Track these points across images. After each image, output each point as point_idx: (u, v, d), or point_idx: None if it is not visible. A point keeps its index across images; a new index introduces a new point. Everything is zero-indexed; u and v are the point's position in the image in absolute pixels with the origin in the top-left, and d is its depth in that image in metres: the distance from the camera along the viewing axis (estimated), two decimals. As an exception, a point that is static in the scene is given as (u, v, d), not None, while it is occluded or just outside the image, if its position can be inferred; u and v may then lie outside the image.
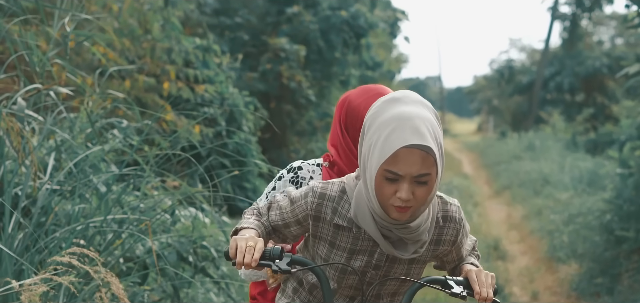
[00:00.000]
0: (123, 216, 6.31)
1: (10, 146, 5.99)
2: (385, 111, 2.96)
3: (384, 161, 2.90)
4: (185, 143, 6.86)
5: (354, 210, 3.09)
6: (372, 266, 3.15)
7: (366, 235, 3.11)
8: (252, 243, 2.97)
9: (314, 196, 3.14)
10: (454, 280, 3.10)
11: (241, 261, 2.95)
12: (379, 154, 2.91)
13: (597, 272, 11.60)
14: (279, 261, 3.03)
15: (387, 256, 3.13)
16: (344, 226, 3.12)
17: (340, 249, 3.15)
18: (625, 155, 12.08)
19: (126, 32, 10.90)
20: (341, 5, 21.56)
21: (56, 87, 6.89)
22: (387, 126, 2.91)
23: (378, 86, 3.65)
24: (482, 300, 3.05)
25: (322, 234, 3.16)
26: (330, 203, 3.13)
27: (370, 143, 2.96)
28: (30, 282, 4.33)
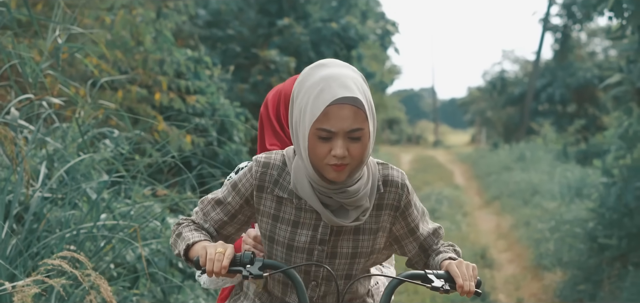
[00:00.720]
0: (113, 222, 6.46)
1: (3, 154, 6.14)
2: (311, 76, 2.99)
3: (315, 120, 2.92)
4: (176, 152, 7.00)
5: (293, 181, 3.08)
6: (318, 241, 3.12)
7: (308, 206, 3.10)
8: (222, 249, 2.94)
9: (258, 165, 3.14)
10: (435, 273, 3.02)
11: (211, 269, 2.91)
12: (310, 114, 2.93)
13: (580, 278, 11.80)
14: (250, 266, 2.98)
15: (331, 229, 3.11)
16: (285, 198, 3.12)
17: (284, 222, 3.14)
18: (609, 165, 12.29)
19: (118, 44, 11.05)
20: (332, 17, 21.73)
21: (48, 98, 7.05)
22: (316, 87, 2.94)
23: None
24: (464, 293, 2.99)
25: (265, 208, 3.15)
26: (274, 172, 3.13)
27: (300, 107, 2.98)
28: (23, 283, 4.48)
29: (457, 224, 17.77)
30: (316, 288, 3.20)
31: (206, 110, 12.77)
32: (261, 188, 3.15)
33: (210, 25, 19.69)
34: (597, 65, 37.87)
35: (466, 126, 65.86)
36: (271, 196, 3.15)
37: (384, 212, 3.16)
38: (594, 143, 26.54)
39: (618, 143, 12.08)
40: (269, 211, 3.16)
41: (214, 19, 19.73)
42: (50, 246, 5.86)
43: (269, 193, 3.14)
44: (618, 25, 12.03)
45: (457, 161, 38.04)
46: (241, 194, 3.17)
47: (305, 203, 3.11)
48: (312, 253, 3.14)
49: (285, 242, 3.15)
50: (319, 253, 3.14)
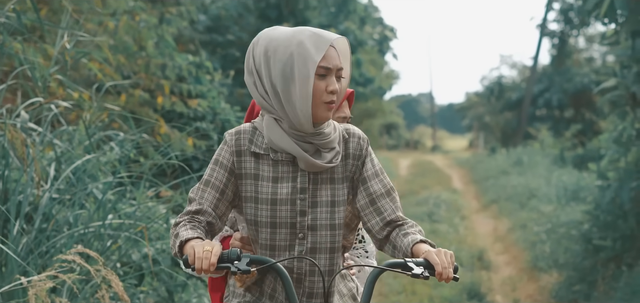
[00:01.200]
0: (119, 221, 6.62)
1: (14, 156, 6.30)
2: (282, 34, 3.36)
3: (320, 58, 3.29)
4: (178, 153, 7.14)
5: (267, 136, 3.35)
6: (299, 190, 3.35)
7: (284, 159, 3.37)
8: (209, 247, 3.05)
9: (231, 135, 3.40)
10: (414, 262, 3.15)
11: (200, 267, 3.03)
12: (313, 55, 3.29)
13: (575, 279, 11.95)
14: (237, 262, 3.08)
15: (309, 178, 3.37)
16: (262, 154, 3.37)
17: (264, 179, 3.36)
18: (604, 168, 12.45)
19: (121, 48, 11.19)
20: (331, 22, 21.89)
21: (56, 101, 7.21)
22: (300, 36, 3.32)
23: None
24: (443, 279, 3.14)
25: (245, 170, 3.37)
26: (246, 135, 3.39)
27: (285, 60, 3.29)
28: (37, 278, 4.65)
29: (455, 227, 17.91)
30: (303, 240, 3.38)
31: (207, 114, 12.92)
32: (239, 152, 3.38)
33: (211, 30, 19.82)
34: (594, 70, 37.92)
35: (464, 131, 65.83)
36: (249, 156, 3.38)
37: (350, 160, 3.43)
38: (591, 148, 26.63)
39: (613, 147, 12.22)
40: (249, 172, 3.37)
41: (214, 24, 19.87)
42: (59, 245, 6.01)
43: (247, 154, 3.38)
44: (612, 31, 12.18)
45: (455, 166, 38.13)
46: (224, 166, 3.38)
47: (281, 156, 3.36)
48: (295, 204, 3.35)
49: (269, 198, 3.35)
50: (301, 201, 3.36)
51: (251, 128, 3.43)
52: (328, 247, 3.40)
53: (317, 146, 3.36)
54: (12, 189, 6.11)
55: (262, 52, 3.33)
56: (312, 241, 3.39)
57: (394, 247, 3.37)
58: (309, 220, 3.38)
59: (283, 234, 3.37)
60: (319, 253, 3.39)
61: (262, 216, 3.36)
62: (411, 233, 3.34)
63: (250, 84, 3.40)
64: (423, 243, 3.27)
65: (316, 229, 3.39)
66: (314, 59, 3.28)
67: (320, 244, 3.40)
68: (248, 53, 3.41)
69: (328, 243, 3.40)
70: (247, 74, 3.40)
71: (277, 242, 3.38)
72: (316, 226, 3.38)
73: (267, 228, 3.37)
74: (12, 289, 5.06)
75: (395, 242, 3.37)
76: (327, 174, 3.40)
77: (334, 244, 3.41)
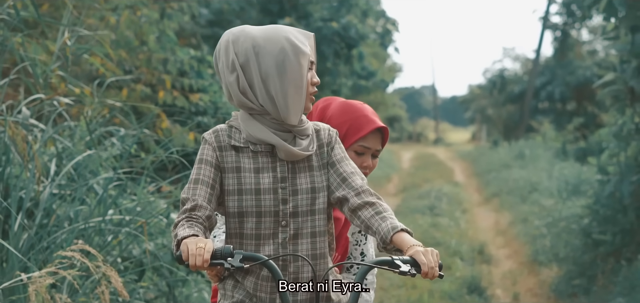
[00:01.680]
0: (120, 217, 6.66)
1: (15, 152, 6.34)
2: (262, 30, 3.54)
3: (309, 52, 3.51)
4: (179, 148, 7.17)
5: (245, 131, 3.50)
6: (279, 180, 3.50)
7: (263, 150, 3.52)
8: (202, 244, 3.15)
9: (209, 134, 3.54)
10: (401, 259, 3.27)
11: (194, 263, 3.12)
12: (304, 49, 3.47)
13: (575, 273, 11.97)
14: (231, 259, 3.19)
15: (288, 167, 3.52)
16: (241, 147, 3.51)
17: (246, 171, 3.50)
18: (604, 162, 12.47)
19: (123, 43, 11.22)
20: (332, 16, 21.87)
21: (57, 97, 7.25)
22: (283, 31, 3.51)
23: (357, 105, 4.11)
24: (428, 277, 3.27)
25: (227, 163, 3.51)
26: (224, 132, 3.54)
27: (276, 53, 3.45)
28: (38, 274, 4.70)
29: (456, 221, 17.92)
30: (286, 227, 3.51)
31: (209, 108, 12.95)
32: (220, 147, 3.51)
33: (212, 24, 19.85)
34: (596, 63, 37.87)
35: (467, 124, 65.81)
36: (229, 150, 3.52)
37: (324, 149, 3.60)
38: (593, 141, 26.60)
39: (613, 141, 12.24)
40: (231, 165, 3.50)
41: (216, 18, 19.90)
42: (60, 241, 6.06)
43: (227, 149, 3.52)
44: (612, 25, 12.19)
45: (457, 159, 38.14)
46: (209, 163, 3.49)
47: (261, 147, 3.51)
48: (277, 192, 3.49)
49: (252, 188, 3.48)
50: (283, 190, 3.50)
51: (227, 126, 3.57)
52: (309, 232, 3.53)
53: (295, 133, 3.52)
54: (13, 185, 6.15)
55: (249, 47, 3.46)
56: (294, 227, 3.51)
57: (367, 227, 3.47)
58: (291, 207, 3.50)
59: (267, 223, 3.49)
60: (301, 238, 3.52)
61: (247, 207, 3.48)
62: (389, 219, 3.44)
63: (230, 81, 3.50)
64: (403, 232, 3.38)
65: (297, 215, 3.52)
66: (305, 52, 3.47)
67: (302, 230, 3.52)
68: (226, 51, 3.51)
69: (309, 228, 3.53)
70: (227, 72, 3.50)
71: (262, 231, 3.49)
72: (297, 212, 3.51)
73: (252, 217, 3.48)
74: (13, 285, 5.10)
75: (370, 223, 3.46)
76: (305, 163, 3.55)
77: (315, 229, 3.55)
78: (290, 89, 3.44)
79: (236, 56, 3.47)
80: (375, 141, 4.06)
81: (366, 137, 4.04)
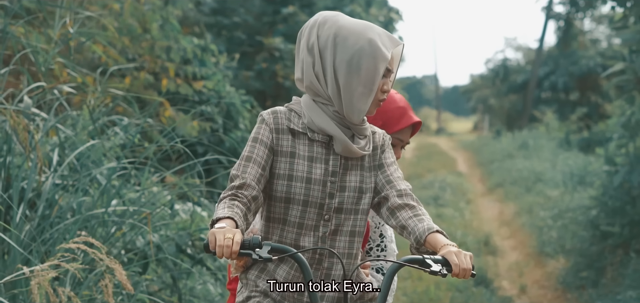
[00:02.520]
0: (123, 208, 6.56)
1: (17, 142, 6.24)
2: (352, 23, 3.50)
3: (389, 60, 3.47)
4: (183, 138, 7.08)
5: (307, 117, 3.50)
6: (330, 173, 3.50)
7: (320, 140, 3.51)
8: (230, 235, 3.11)
9: (268, 114, 3.53)
10: (433, 259, 3.28)
11: (221, 254, 3.09)
12: (384, 54, 3.43)
13: (583, 265, 11.86)
14: (259, 250, 3.16)
15: (340, 162, 3.52)
16: (299, 132, 3.51)
17: (300, 157, 3.50)
18: (611, 153, 12.36)
19: (125, 31, 11.12)
20: (336, 5, 21.75)
21: (60, 86, 7.14)
22: (371, 32, 3.46)
23: (395, 97, 4.12)
24: (459, 277, 3.28)
25: (282, 147, 3.50)
26: (283, 115, 3.54)
27: (354, 51, 3.42)
28: (40, 268, 4.59)
29: (461, 211, 17.84)
30: (328, 221, 3.52)
31: (212, 97, 12.85)
32: (277, 129, 3.51)
33: (216, 12, 19.74)
34: (600, 53, 37.81)
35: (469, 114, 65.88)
36: (286, 134, 3.52)
37: (377, 151, 3.61)
38: (597, 131, 26.55)
39: (620, 132, 12.14)
40: (286, 150, 3.50)
41: (219, 7, 19.80)
42: (62, 232, 5.96)
43: (285, 132, 3.52)
44: (621, 14, 12.09)
45: (460, 149, 38.08)
46: (264, 143, 3.49)
47: (318, 136, 3.52)
48: (326, 185, 3.50)
49: (304, 176, 3.48)
50: (332, 184, 3.51)
51: (287, 109, 3.57)
52: (349, 230, 3.55)
53: (354, 132, 3.52)
54: (14, 175, 6.05)
55: (332, 35, 3.46)
56: (335, 223, 3.52)
57: (403, 227, 3.48)
58: (336, 202, 3.51)
59: (312, 213, 3.49)
60: (340, 235, 3.54)
61: (295, 194, 3.48)
62: (426, 220, 3.46)
63: (307, 62, 3.50)
64: (438, 233, 3.39)
65: (341, 212, 3.52)
66: (385, 57, 3.45)
67: (342, 227, 3.53)
68: (310, 30, 3.51)
69: (350, 226, 3.54)
70: (306, 51, 3.52)
71: (305, 221, 3.50)
72: (342, 209, 3.52)
73: (299, 205, 3.49)
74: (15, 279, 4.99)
75: (406, 223, 3.47)
76: (357, 161, 3.56)
77: (355, 228, 3.56)
78: (359, 88, 3.44)
79: (317, 39, 3.48)
80: (407, 134, 4.12)
81: (402, 130, 4.09)
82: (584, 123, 33.19)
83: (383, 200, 3.55)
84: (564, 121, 34.10)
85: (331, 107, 3.49)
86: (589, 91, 37.00)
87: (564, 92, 38.40)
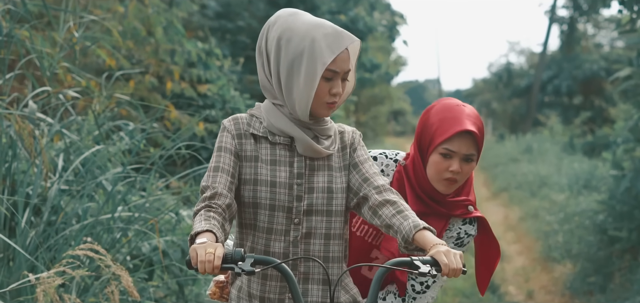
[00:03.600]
0: (129, 214, 6.51)
1: (22, 147, 6.19)
2: (300, 25, 3.39)
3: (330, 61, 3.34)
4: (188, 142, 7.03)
5: (266, 120, 3.46)
6: (295, 175, 3.44)
7: (282, 142, 3.47)
8: (211, 249, 3.04)
9: (229, 122, 3.51)
10: (421, 259, 3.18)
11: (203, 269, 3.02)
12: (323, 57, 3.33)
13: (590, 271, 11.80)
14: (241, 263, 3.08)
15: (306, 163, 3.46)
16: (260, 136, 3.47)
17: (263, 162, 3.45)
18: (618, 157, 12.30)
19: (130, 34, 11.09)
20: (340, 9, 21.74)
21: (65, 91, 7.09)
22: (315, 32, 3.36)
23: (452, 106, 3.83)
24: (449, 276, 3.19)
25: (245, 152, 3.46)
26: (244, 120, 3.51)
27: (295, 55, 3.34)
28: (46, 275, 4.53)
29: (466, 215, 17.75)
30: (298, 225, 3.45)
31: (216, 101, 12.80)
32: (239, 135, 3.48)
33: (220, 16, 19.70)
34: (603, 57, 37.76)
35: (472, 118, 65.64)
36: (248, 139, 3.48)
37: (347, 150, 3.54)
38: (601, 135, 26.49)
39: (627, 136, 12.09)
40: (249, 154, 3.46)
41: (224, 10, 19.75)
42: (68, 238, 5.91)
43: (246, 137, 3.48)
44: (627, 17, 12.03)
45: (463, 152, 37.94)
46: (229, 150, 3.45)
47: (280, 139, 3.47)
48: (292, 188, 3.44)
49: (268, 180, 3.43)
50: (298, 186, 3.44)
51: (248, 115, 3.54)
52: (323, 233, 3.47)
53: (315, 133, 3.47)
54: (19, 181, 6.00)
55: (276, 38, 3.40)
56: (307, 226, 3.45)
57: (388, 226, 3.38)
58: (305, 205, 3.44)
59: (280, 218, 3.43)
60: (314, 238, 3.46)
61: (261, 198, 3.43)
62: (411, 217, 3.35)
63: (258, 64, 3.49)
64: (425, 230, 3.29)
65: (312, 214, 3.46)
66: (323, 61, 3.34)
67: (315, 229, 3.46)
68: (262, 32, 3.48)
69: (323, 229, 3.47)
70: (258, 53, 3.48)
71: (274, 226, 3.43)
72: (312, 211, 3.45)
73: (265, 210, 3.43)
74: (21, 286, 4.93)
75: (391, 222, 3.37)
76: (324, 162, 3.49)
77: (330, 230, 3.48)
78: (298, 93, 3.37)
79: (266, 42, 3.44)
80: (462, 145, 3.75)
81: (451, 140, 3.75)
82: (587, 127, 33.12)
83: (362, 199, 3.46)
84: (567, 125, 34.05)
85: (287, 109, 3.44)
86: (592, 95, 36.94)
87: (568, 96, 38.36)
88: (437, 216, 3.86)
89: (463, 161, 3.79)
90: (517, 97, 43.31)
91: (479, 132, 3.79)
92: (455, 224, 3.92)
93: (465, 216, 3.90)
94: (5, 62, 6.43)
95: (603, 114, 34.71)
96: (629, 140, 12.10)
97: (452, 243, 3.92)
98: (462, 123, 3.75)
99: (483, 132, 3.84)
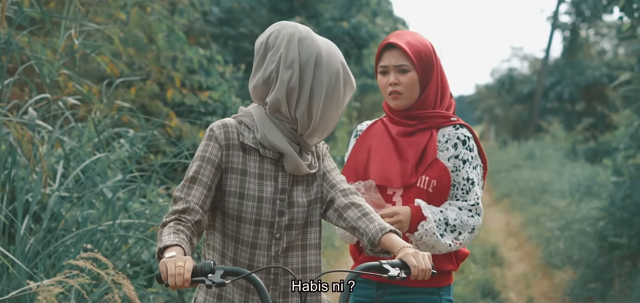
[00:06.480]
0: (129, 221, 6.52)
1: (21, 154, 6.19)
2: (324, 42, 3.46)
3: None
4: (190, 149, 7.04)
5: (261, 132, 3.41)
6: (279, 190, 3.42)
7: (270, 157, 3.42)
8: (181, 263, 3.03)
9: (218, 128, 3.42)
10: (390, 263, 3.19)
11: (173, 283, 3.00)
12: (353, 83, 3.46)
13: (590, 277, 11.80)
14: (211, 275, 3.05)
15: (289, 178, 3.44)
16: (251, 147, 3.42)
17: (251, 175, 3.41)
18: (619, 164, 12.30)
19: (131, 41, 11.08)
20: (343, 16, 21.72)
21: (64, 98, 7.10)
22: (339, 55, 3.46)
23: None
24: (418, 279, 3.19)
25: (232, 164, 3.40)
26: (233, 129, 3.43)
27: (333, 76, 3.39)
28: (47, 283, 4.55)
29: (467, 222, 17.75)
30: (279, 240, 3.44)
31: (218, 108, 12.81)
32: (228, 145, 3.42)
33: (222, 23, 19.70)
34: (606, 63, 37.73)
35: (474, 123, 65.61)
36: (237, 150, 3.42)
37: (320, 160, 3.56)
38: (603, 142, 26.46)
39: (628, 142, 12.09)
40: (237, 166, 3.41)
41: (226, 17, 19.75)
42: (68, 246, 5.91)
43: (235, 148, 3.42)
44: (628, 24, 12.03)
45: (466, 159, 37.87)
46: (212, 162, 3.39)
47: (269, 153, 3.42)
48: (276, 203, 3.42)
49: (255, 195, 3.40)
50: (281, 202, 3.42)
51: (236, 122, 3.47)
52: (300, 244, 3.48)
53: (302, 147, 3.46)
54: (19, 188, 6.01)
55: (314, 54, 3.39)
56: (287, 241, 3.45)
57: (354, 229, 3.42)
58: (286, 220, 3.44)
59: (264, 233, 3.42)
60: (292, 250, 3.47)
61: (247, 212, 3.40)
62: (376, 220, 3.39)
63: (283, 78, 3.38)
64: (392, 233, 3.32)
65: (291, 228, 3.46)
66: (353, 87, 3.48)
67: (294, 242, 3.47)
68: (288, 43, 3.40)
69: (300, 241, 3.48)
70: (283, 66, 3.38)
71: (258, 240, 3.42)
72: (292, 226, 3.46)
73: (250, 224, 3.41)
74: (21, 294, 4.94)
75: (356, 224, 3.41)
76: (304, 177, 3.50)
77: (306, 241, 3.50)
78: (329, 112, 3.40)
79: (298, 56, 3.39)
80: (392, 57, 4.07)
81: (381, 56, 4.10)
82: (590, 133, 33.09)
83: (329, 203, 3.50)
84: (570, 131, 34.01)
85: (288, 124, 3.42)
86: (595, 101, 36.88)
87: (570, 102, 38.33)
88: (421, 131, 4.11)
89: (399, 73, 4.06)
90: (520, 103, 43.25)
91: (407, 45, 4.05)
92: (446, 131, 4.14)
93: (449, 123, 4.14)
94: (5, 68, 6.44)
95: (605, 121, 34.65)
96: (629, 147, 12.10)
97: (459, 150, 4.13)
98: (387, 39, 4.10)
99: (418, 47, 4.07)
